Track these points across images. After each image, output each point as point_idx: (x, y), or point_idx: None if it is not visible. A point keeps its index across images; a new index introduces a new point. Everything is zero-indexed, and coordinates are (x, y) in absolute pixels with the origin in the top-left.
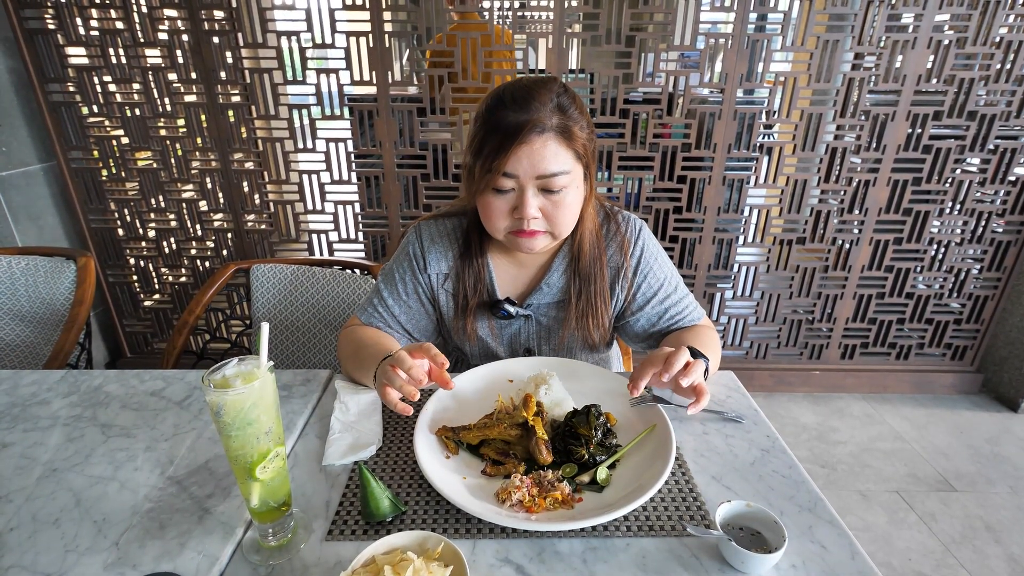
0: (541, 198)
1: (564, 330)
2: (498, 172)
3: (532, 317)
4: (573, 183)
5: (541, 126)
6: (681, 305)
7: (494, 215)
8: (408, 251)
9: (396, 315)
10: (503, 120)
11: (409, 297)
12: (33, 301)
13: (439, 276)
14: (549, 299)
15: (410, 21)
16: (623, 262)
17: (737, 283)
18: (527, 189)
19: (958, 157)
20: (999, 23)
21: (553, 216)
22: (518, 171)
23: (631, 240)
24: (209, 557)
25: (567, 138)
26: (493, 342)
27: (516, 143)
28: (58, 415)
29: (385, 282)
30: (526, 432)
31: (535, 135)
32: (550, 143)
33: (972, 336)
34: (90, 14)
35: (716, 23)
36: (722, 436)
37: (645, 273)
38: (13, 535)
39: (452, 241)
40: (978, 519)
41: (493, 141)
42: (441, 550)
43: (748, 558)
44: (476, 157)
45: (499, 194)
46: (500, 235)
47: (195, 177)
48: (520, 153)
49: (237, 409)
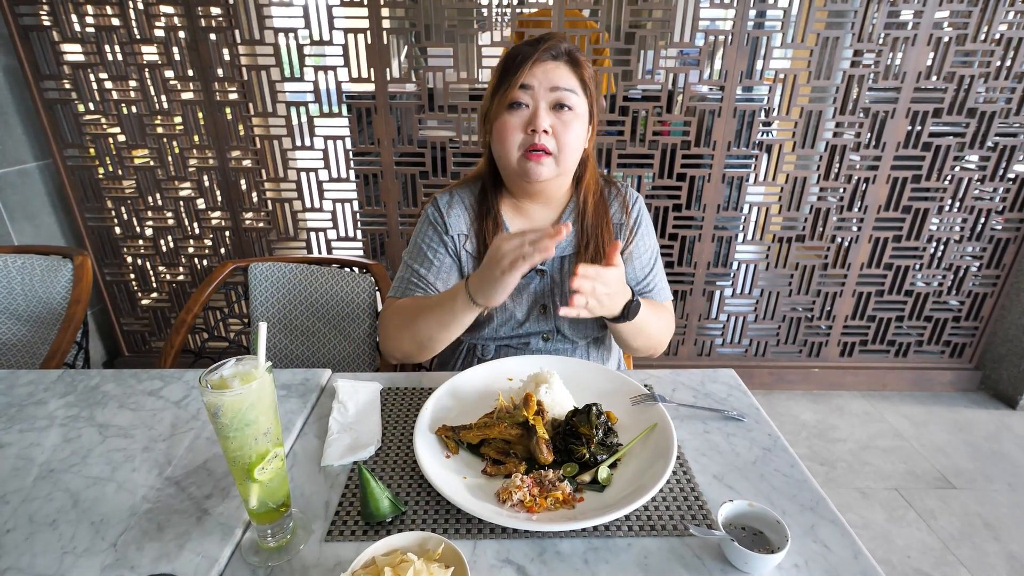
0: (552, 116)
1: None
2: (515, 86)
3: (546, 273)
4: (579, 109)
5: (555, 50)
6: (657, 279)
7: (508, 134)
8: (429, 219)
9: (432, 283)
10: (520, 50)
11: (441, 262)
12: (30, 300)
13: (460, 236)
14: (559, 251)
15: (408, 18)
16: (624, 218)
17: (736, 281)
18: (540, 103)
19: (957, 154)
20: (999, 20)
21: (561, 136)
22: (533, 83)
23: (631, 201)
24: (208, 558)
25: (576, 66)
26: (511, 301)
27: (532, 61)
28: (55, 415)
29: (411, 257)
30: (527, 431)
31: (549, 57)
32: (562, 66)
33: (971, 333)
34: (85, 10)
35: (715, 20)
36: (723, 435)
37: (637, 234)
38: (10, 537)
39: (467, 207)
40: (977, 516)
41: (511, 65)
42: (442, 551)
43: (751, 558)
44: (495, 91)
45: (515, 111)
46: (513, 158)
47: (192, 175)
48: (535, 69)
49: (235, 410)
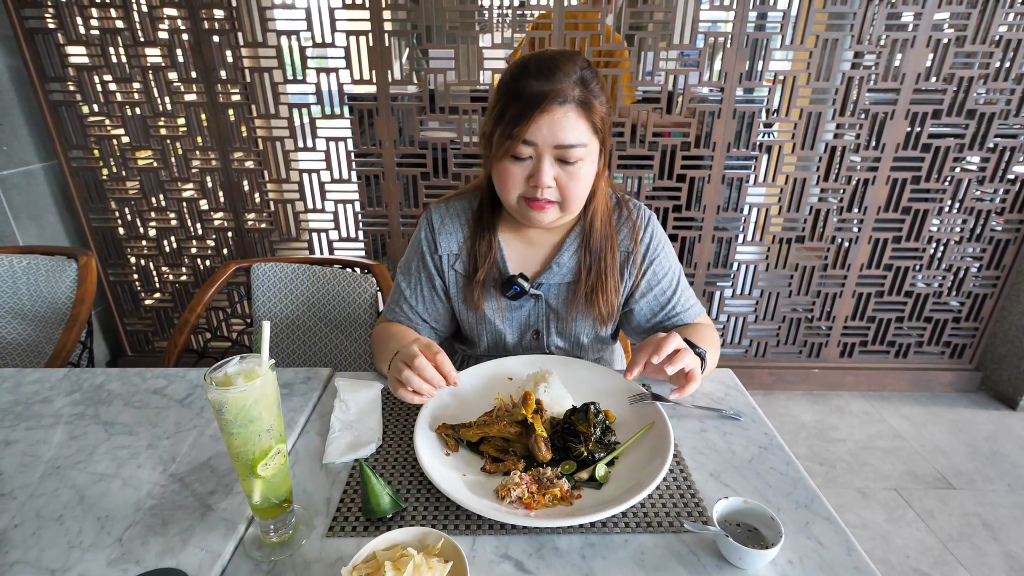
0: (557, 168)
1: (572, 308)
2: (518, 139)
3: (542, 298)
4: (589, 156)
5: (563, 96)
6: (683, 299)
7: (510, 182)
8: (420, 236)
9: (414, 306)
10: (526, 88)
11: (423, 286)
12: (35, 300)
13: (450, 256)
14: (559, 279)
15: (410, 20)
16: (633, 247)
17: (736, 281)
18: (544, 158)
19: (957, 155)
20: (998, 21)
21: (566, 187)
22: (537, 139)
23: (641, 227)
24: (211, 553)
25: (587, 111)
26: (501, 324)
27: (537, 111)
28: (61, 413)
29: (403, 274)
30: (525, 429)
31: (556, 105)
32: (570, 114)
33: (971, 334)
34: (90, 13)
35: (716, 22)
36: (720, 433)
37: (652, 261)
38: (17, 531)
39: (463, 221)
40: (976, 517)
41: (515, 108)
42: (441, 546)
43: (745, 554)
44: (496, 123)
45: (516, 161)
46: (513, 203)
47: (195, 176)
48: (540, 122)
49: (239, 407)
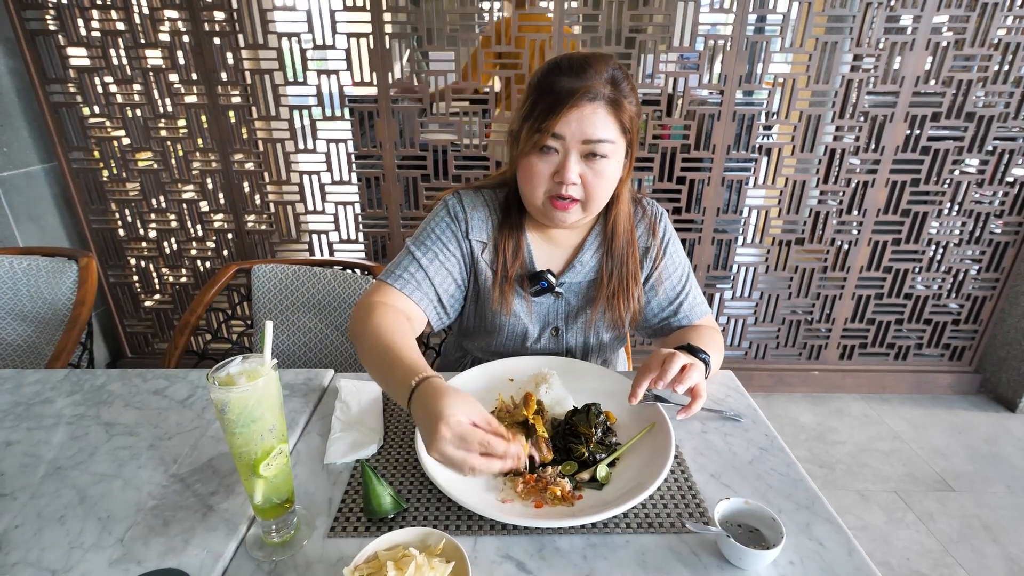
0: (583, 165)
1: (594, 310)
2: (547, 132)
3: (563, 295)
4: (615, 156)
5: (593, 93)
6: (691, 296)
7: (535, 177)
8: (449, 213)
9: (431, 276)
10: (557, 84)
11: (447, 259)
12: (35, 301)
13: (480, 244)
14: (580, 278)
15: (410, 22)
16: (651, 242)
17: (736, 283)
18: (571, 153)
19: (956, 158)
20: (997, 24)
21: (591, 185)
22: (566, 133)
23: (657, 222)
24: (213, 553)
25: (616, 109)
26: (526, 318)
27: (568, 106)
28: (62, 414)
29: (417, 244)
30: (527, 430)
31: (586, 101)
32: (600, 110)
33: (970, 336)
34: (91, 15)
35: (715, 25)
36: (721, 435)
37: (665, 256)
38: (18, 532)
39: (491, 211)
40: (976, 519)
41: (545, 103)
42: (443, 546)
43: (746, 554)
44: (526, 119)
45: (543, 155)
46: (537, 200)
47: (196, 178)
48: (570, 116)
49: (241, 406)
